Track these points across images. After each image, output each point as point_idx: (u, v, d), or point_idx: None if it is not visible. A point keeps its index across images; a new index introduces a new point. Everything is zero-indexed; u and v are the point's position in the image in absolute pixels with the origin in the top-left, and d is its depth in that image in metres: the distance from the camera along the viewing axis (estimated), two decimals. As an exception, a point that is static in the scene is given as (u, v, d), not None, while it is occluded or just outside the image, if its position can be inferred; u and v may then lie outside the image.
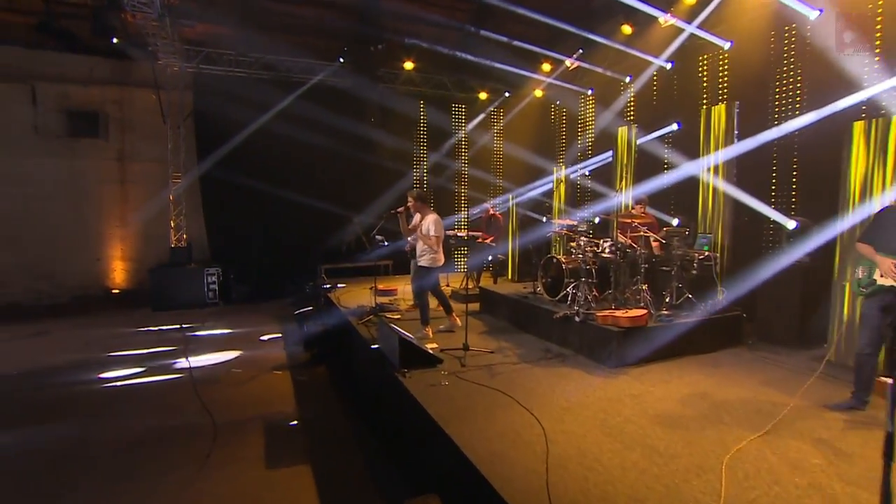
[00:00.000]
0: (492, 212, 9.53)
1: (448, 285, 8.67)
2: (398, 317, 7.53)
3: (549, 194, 10.23)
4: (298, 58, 10.60)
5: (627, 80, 9.73)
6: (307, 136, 10.63)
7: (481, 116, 12.65)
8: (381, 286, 9.24)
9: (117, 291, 10.77)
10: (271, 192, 10.52)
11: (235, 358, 7.54)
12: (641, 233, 6.11)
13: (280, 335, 8.76)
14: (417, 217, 6.50)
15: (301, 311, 8.84)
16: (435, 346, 6.00)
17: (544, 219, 9.05)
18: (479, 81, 12.16)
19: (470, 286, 9.34)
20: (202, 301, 10.49)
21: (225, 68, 10.45)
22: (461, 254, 11.63)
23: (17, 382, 6.45)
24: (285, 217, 11.02)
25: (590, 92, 10.72)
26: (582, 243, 6.34)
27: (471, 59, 10.28)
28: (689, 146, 7.69)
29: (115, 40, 8.40)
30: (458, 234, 9.19)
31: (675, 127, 8.55)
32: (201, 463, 4.54)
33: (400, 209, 6.34)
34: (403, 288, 9.51)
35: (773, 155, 6.43)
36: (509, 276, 10.88)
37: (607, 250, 6.19)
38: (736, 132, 6.41)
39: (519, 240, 10.44)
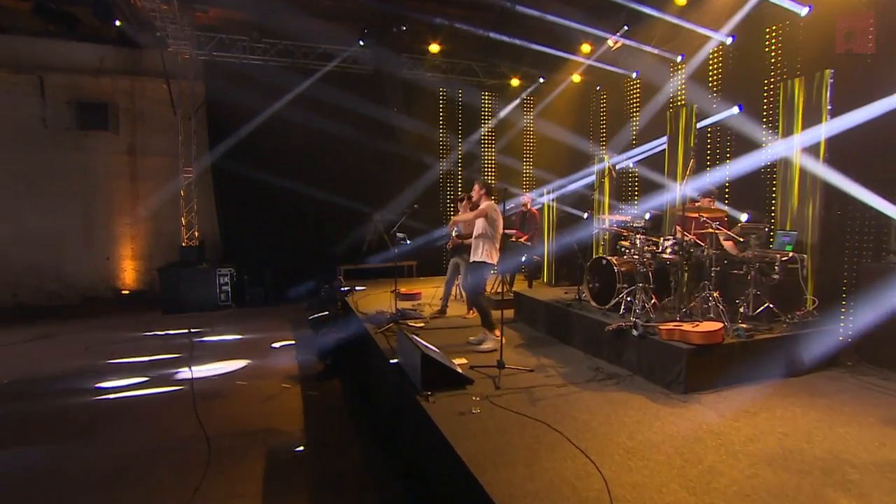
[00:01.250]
0: (528, 206, 8.66)
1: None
2: (421, 325, 6.75)
3: (589, 187, 9.29)
4: (316, 42, 9.94)
5: (679, 59, 8.72)
6: (325, 126, 9.99)
7: (514, 104, 11.77)
8: (403, 290, 8.48)
9: (127, 292, 10.33)
10: (288, 188, 9.90)
11: (242, 368, 6.90)
12: (710, 229, 5.17)
13: (293, 342, 8.09)
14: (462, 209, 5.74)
15: (315, 316, 8.16)
16: (464, 362, 5.20)
17: (585, 215, 8.12)
18: (510, 66, 11.30)
19: (503, 290, 8.51)
20: (214, 303, 9.94)
21: (239, 55, 9.87)
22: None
23: (4, 394, 5.92)
24: (302, 214, 10.39)
25: (635, 74, 9.73)
26: (638, 242, 5.43)
27: (503, 41, 9.43)
28: (752, 130, 6.71)
29: (117, 23, 7.88)
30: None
31: (735, 110, 7.56)
32: (187, 499, 3.84)
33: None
34: (433, 292, 8.75)
35: (880, 133, 5.21)
36: (544, 279, 9.99)
37: (669, 250, 5.27)
38: (829, 107, 5.37)
39: (556, 239, 9.56)
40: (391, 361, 5.24)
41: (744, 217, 6.32)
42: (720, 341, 4.41)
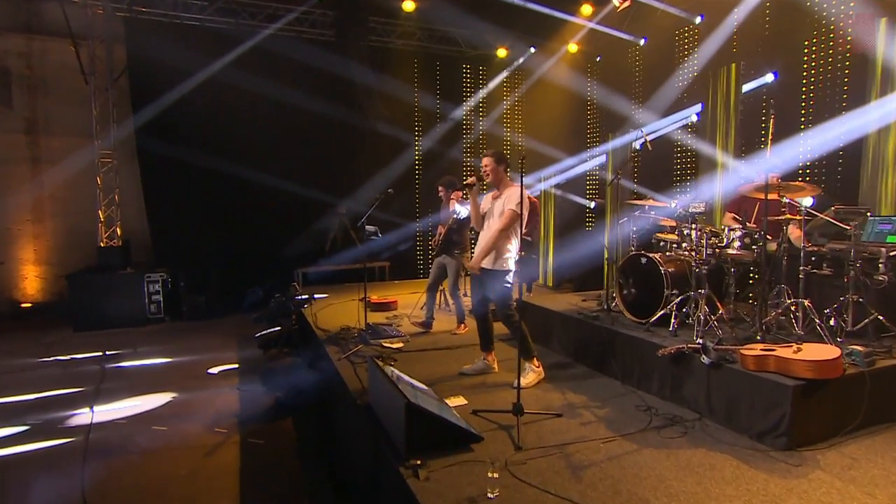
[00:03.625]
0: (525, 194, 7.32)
1: (466, 295, 6.46)
2: (399, 346, 5.32)
3: (623, 163, 7.96)
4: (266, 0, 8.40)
5: (698, 20, 7.54)
6: (280, 103, 8.44)
7: (501, 77, 10.40)
8: (373, 298, 7.02)
9: (28, 305, 8.54)
10: (234, 174, 8.32)
11: (165, 405, 5.35)
12: (789, 215, 3.91)
13: (236, 366, 6.53)
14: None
15: (264, 333, 6.64)
16: (462, 402, 3.82)
17: (592, 204, 6.79)
18: (496, 35, 9.94)
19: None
20: (142, 317, 8.28)
21: (168, 12, 8.21)
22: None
23: None
24: (253, 205, 8.78)
25: (642, 41, 8.51)
26: (693, 234, 4.13)
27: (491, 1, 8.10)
28: (790, 100, 5.58)
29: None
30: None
31: (769, 78, 6.43)
32: None
33: (471, 180, 4.13)
34: (412, 300, 7.32)
35: None
36: (540, 281, 8.68)
37: (737, 243, 3.98)
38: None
39: (556, 233, 8.27)
40: (362, 404, 3.82)
41: (807, 201, 5.12)
42: (841, 374, 3.13)
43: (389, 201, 5.74)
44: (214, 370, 6.39)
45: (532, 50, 9.98)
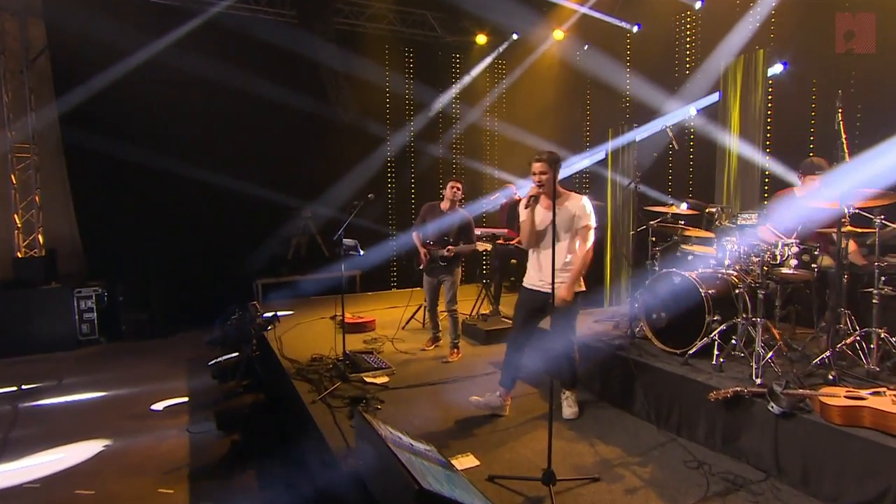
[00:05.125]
0: (517, 198, 6.68)
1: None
2: (384, 380, 4.56)
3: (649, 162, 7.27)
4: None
5: (698, 5, 7.04)
6: (233, 91, 7.42)
7: (482, 66, 9.68)
8: (347, 316, 6.21)
9: (-71, 329, 7.30)
10: (181, 173, 7.30)
11: (94, 457, 4.45)
12: (850, 227, 3.37)
13: (185, 399, 5.63)
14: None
15: (218, 361, 5.74)
16: (474, 463, 3.12)
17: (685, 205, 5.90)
18: (475, 20, 9.23)
19: (485, 311, 6.51)
20: (72, 339, 7.22)
21: (98, -18, 7.11)
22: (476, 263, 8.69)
23: None
24: (204, 209, 7.79)
25: (636, 28, 7.94)
26: (739, 250, 3.55)
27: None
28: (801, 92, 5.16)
29: None
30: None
31: (779, 68, 5.97)
32: None
33: (535, 190, 3.43)
34: (391, 316, 6.57)
35: None
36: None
37: (794, 261, 3.42)
38: None
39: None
40: (348, 471, 3.06)
41: (683, 206, 4.67)
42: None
43: (368, 207, 4.97)
44: (159, 406, 5.47)
45: (514, 37, 9.31)
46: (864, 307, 3.61)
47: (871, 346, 3.26)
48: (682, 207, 5.30)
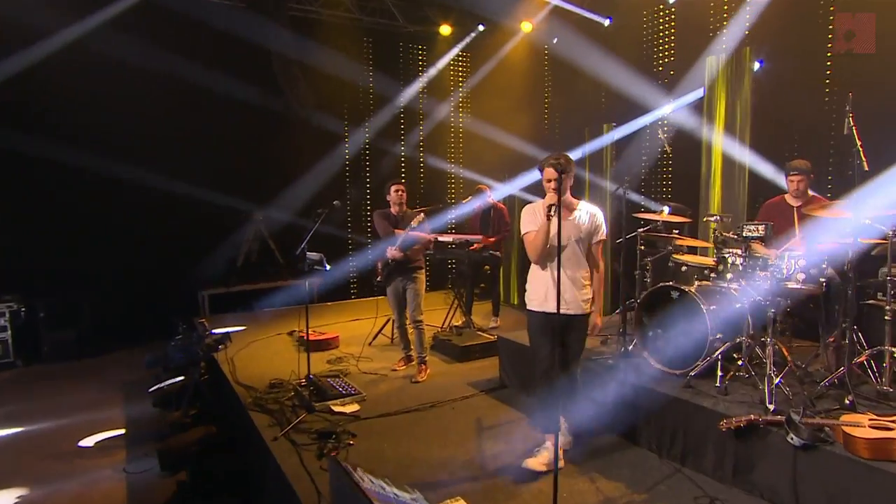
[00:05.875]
0: (491, 200, 6.43)
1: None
2: (355, 409, 4.18)
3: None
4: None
5: (672, -1, 6.97)
6: (171, 82, 6.81)
7: (446, 59, 9.34)
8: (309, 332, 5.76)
9: None
10: (115, 174, 6.62)
11: (6, 513, 3.91)
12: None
13: (122, 432, 5.05)
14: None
15: (160, 387, 5.21)
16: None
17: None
18: (438, 9, 8.90)
19: (458, 323, 6.22)
20: (-20, 363, 6.44)
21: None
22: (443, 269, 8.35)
23: None
24: (139, 214, 7.10)
25: (607, 22, 7.80)
26: (739, 262, 3.39)
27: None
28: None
29: None
30: (439, 238, 5.88)
31: (755, 66, 5.94)
32: None
33: (552, 197, 3.04)
34: (355, 329, 6.17)
35: None
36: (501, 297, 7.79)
37: (802, 275, 3.29)
38: None
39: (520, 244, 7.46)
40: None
41: (665, 210, 4.63)
42: None
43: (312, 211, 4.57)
44: (89, 441, 4.88)
45: (480, 28, 9.03)
46: (867, 320, 3.53)
47: (884, 364, 3.15)
48: (664, 212, 5.18)
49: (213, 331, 5.83)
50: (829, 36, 5.01)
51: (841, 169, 4.64)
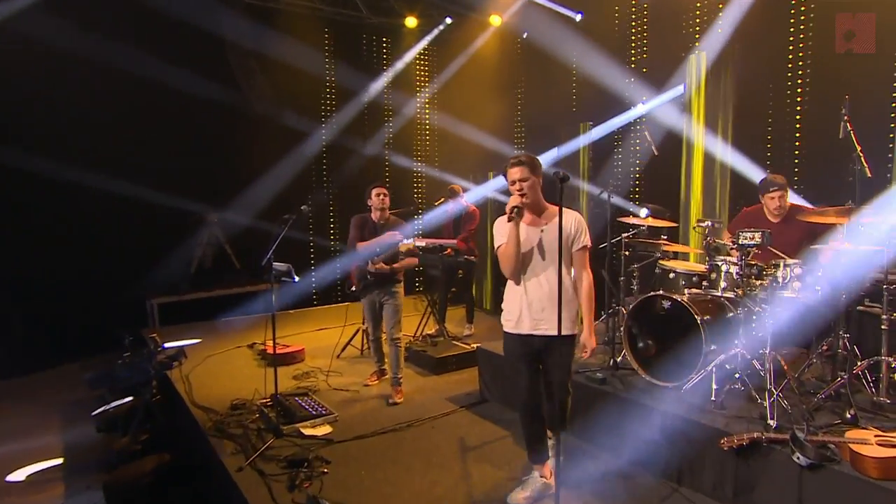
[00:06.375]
0: (464, 202, 6.24)
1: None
2: (328, 431, 3.93)
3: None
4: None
5: (644, -5, 6.95)
6: (116, 73, 6.29)
7: (412, 52, 9.08)
8: (270, 344, 5.43)
9: None
10: (48, 174, 6.06)
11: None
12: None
13: (60, 461, 4.62)
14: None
15: (105, 410, 4.80)
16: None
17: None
18: (405, 0, 8.65)
19: (431, 331, 6.02)
20: None
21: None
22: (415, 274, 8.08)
23: None
24: (79, 216, 6.56)
25: (578, 17, 7.72)
26: (733, 271, 3.33)
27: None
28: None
29: None
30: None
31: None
32: None
33: (517, 200, 2.86)
34: (321, 340, 5.90)
35: None
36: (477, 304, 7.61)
37: (798, 284, 3.25)
38: None
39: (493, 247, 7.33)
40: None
41: (643, 212, 4.66)
42: None
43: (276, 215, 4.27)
44: (20, 475, 4.44)
45: (448, 20, 8.83)
46: (858, 327, 3.53)
47: (880, 374, 3.14)
48: (642, 214, 5.12)
49: (166, 345, 5.41)
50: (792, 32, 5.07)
51: (837, 173, 4.62)
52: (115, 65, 6.31)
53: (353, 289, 4.46)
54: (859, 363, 3.20)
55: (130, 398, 4.92)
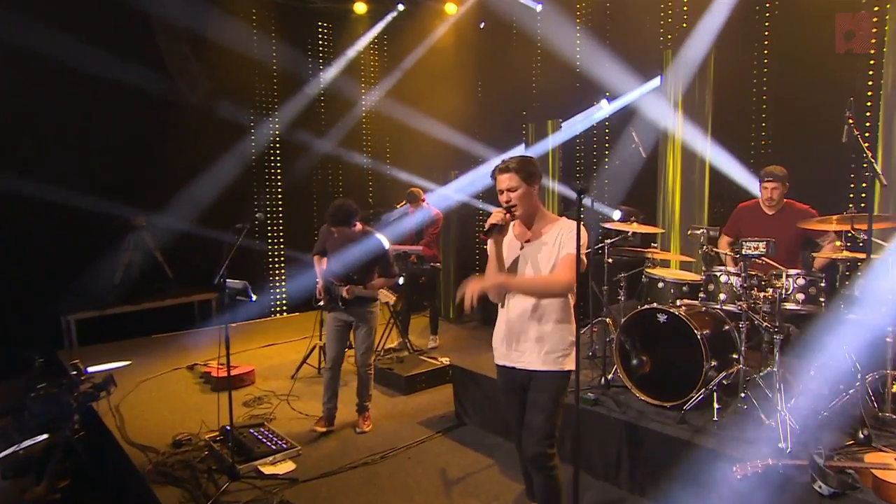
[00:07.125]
0: (425, 205, 5.94)
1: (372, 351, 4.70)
2: (291, 469, 3.53)
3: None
4: None
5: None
6: (24, 57, 5.59)
7: (363, 42, 8.62)
8: (213, 365, 4.94)
9: None
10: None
11: None
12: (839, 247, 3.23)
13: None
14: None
15: (13, 451, 4.16)
16: None
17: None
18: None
19: (393, 344, 5.70)
20: None
21: None
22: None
23: None
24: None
25: (539, 7, 7.56)
26: (736, 281, 3.22)
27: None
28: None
29: None
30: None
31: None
32: None
33: (499, 217, 2.58)
34: (273, 358, 5.46)
35: None
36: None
37: (801, 295, 3.18)
38: None
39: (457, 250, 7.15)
40: None
41: (616, 214, 4.70)
42: None
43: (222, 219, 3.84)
44: None
45: (400, 7, 8.46)
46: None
47: (885, 388, 3.10)
48: (615, 216, 5.00)
49: (90, 369, 4.78)
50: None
51: (838, 177, 4.64)
52: (19, 43, 5.56)
53: (321, 303, 4.03)
54: (868, 377, 3.14)
55: (45, 436, 4.30)
